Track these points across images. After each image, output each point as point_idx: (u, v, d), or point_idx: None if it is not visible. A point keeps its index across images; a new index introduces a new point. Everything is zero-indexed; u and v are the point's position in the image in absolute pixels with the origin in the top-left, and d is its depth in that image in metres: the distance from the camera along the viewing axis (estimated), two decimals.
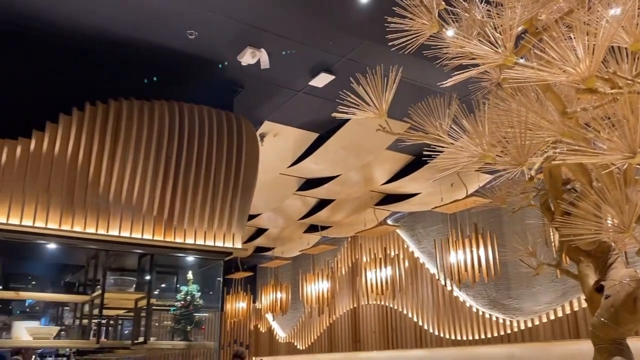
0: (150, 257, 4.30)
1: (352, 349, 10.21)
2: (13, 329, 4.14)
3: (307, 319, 11.55)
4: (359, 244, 10.30)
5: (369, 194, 8.06)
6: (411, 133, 1.49)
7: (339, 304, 10.65)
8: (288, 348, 12.03)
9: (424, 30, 1.54)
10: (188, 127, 4.52)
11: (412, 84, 4.76)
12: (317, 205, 8.52)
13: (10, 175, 3.78)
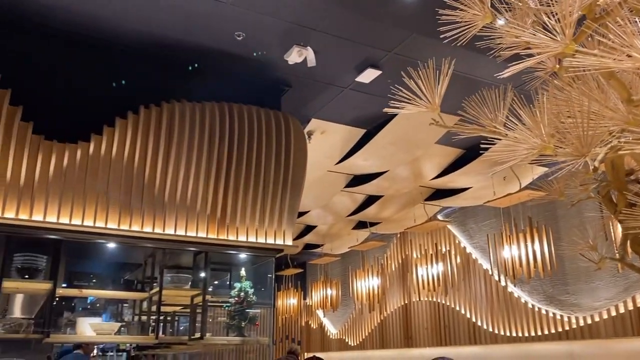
0: (205, 254, 4.41)
1: (404, 345, 10.14)
2: (77, 325, 4.33)
3: (358, 316, 11.55)
4: (409, 240, 10.20)
5: (419, 189, 7.97)
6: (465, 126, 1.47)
7: (389, 300, 10.59)
8: (339, 344, 12.07)
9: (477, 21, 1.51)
10: (238, 127, 4.60)
11: (461, 76, 4.67)
12: (366, 201, 8.49)
13: (72, 177, 3.95)
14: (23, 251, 4.08)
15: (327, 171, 7.10)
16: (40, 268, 4.14)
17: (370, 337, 11.09)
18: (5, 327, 3.96)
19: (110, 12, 4.07)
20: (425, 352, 9.50)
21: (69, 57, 4.36)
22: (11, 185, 3.74)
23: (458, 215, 9.30)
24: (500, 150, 1.41)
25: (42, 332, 4.03)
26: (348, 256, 11.75)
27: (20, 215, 3.73)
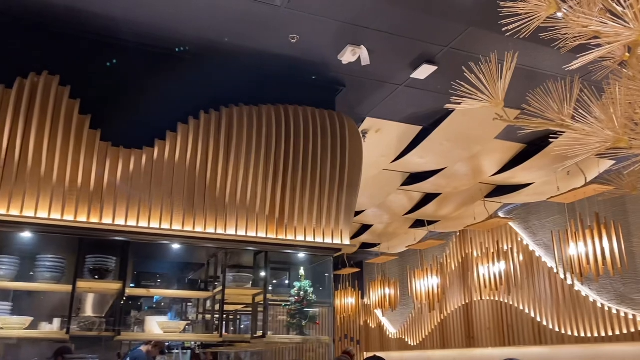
0: (265, 254, 4.48)
1: (466, 345, 9.94)
2: (146, 323, 4.51)
3: (418, 315, 11.42)
4: (469, 238, 9.99)
5: (478, 186, 7.79)
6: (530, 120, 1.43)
7: (450, 299, 10.41)
8: (399, 344, 11.97)
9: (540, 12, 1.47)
10: (294, 129, 4.66)
11: (522, 68, 4.53)
12: (423, 199, 8.38)
13: (138, 182, 4.11)
14: (94, 253, 4.28)
15: (383, 170, 7.06)
16: (110, 269, 4.34)
17: (430, 336, 10.94)
18: (80, 325, 4.17)
19: (170, 21, 4.22)
20: (488, 353, 9.27)
21: (132, 66, 4.54)
22: (82, 190, 3.94)
23: (520, 212, 9.02)
24: (568, 144, 1.36)
25: (114, 330, 4.21)
26: (406, 255, 11.63)
27: (91, 218, 3.92)
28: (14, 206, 3.74)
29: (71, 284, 3.92)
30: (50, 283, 4.12)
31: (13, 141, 3.81)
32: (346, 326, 13.32)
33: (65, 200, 3.87)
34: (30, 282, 4.15)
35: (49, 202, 3.82)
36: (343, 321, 13.01)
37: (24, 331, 3.88)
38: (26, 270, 4.21)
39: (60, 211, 3.84)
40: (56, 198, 3.85)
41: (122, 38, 4.40)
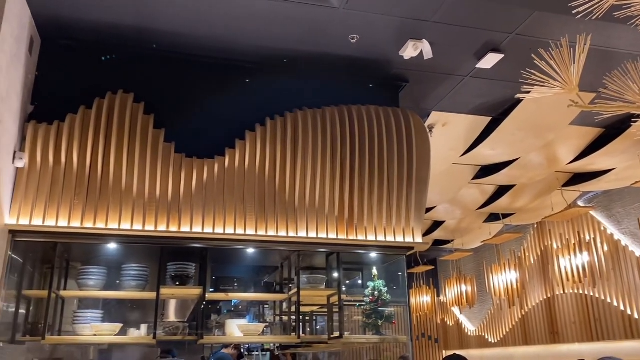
0: (337, 255, 4.50)
1: (550, 341, 9.53)
2: (226, 327, 4.64)
3: (497, 311, 11.07)
4: (548, 230, 9.57)
5: (554, 175, 7.45)
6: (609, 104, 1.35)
7: (530, 294, 10.02)
8: (479, 341, 11.66)
9: None
10: (358, 128, 4.65)
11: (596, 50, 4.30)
12: (496, 192, 8.12)
13: (212, 190, 4.26)
14: (175, 260, 4.47)
15: (452, 164, 6.91)
16: (191, 275, 4.51)
17: (511, 333, 10.58)
18: (165, 330, 4.36)
19: (231, 33, 4.33)
20: (575, 349, 8.85)
21: (200, 78, 4.70)
22: (161, 201, 4.13)
23: (601, 200, 8.55)
24: None
25: (196, 334, 4.37)
26: (481, 250, 11.32)
27: (171, 227, 4.10)
28: (100, 219, 3.97)
29: (155, 291, 4.11)
30: (136, 291, 4.34)
31: (95, 158, 4.05)
32: (423, 325, 13.13)
33: (146, 211, 4.07)
34: (118, 291, 4.38)
35: (131, 214, 4.03)
36: (419, 320, 12.83)
37: (114, 337, 4.11)
38: (113, 279, 4.46)
39: (142, 222, 4.04)
40: (137, 210, 4.05)
41: (188, 53, 4.58)
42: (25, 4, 3.86)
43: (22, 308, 4.10)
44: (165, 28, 4.27)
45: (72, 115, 4.09)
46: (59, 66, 4.36)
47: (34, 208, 3.87)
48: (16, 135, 3.86)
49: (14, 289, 3.96)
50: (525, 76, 1.45)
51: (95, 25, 4.22)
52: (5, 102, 3.54)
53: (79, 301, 4.93)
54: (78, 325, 4.14)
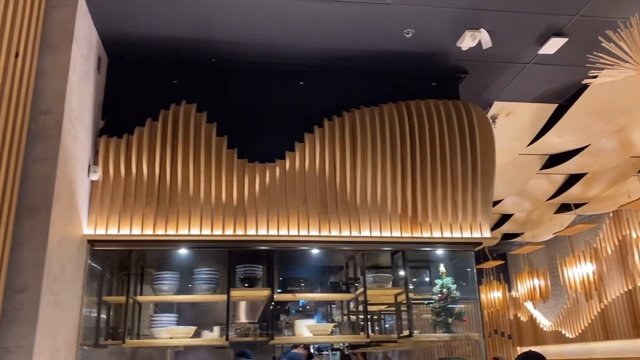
0: (402, 253, 4.46)
1: (634, 335, 9.01)
2: (295, 327, 4.70)
3: (573, 305, 10.60)
4: (625, 219, 9.06)
5: (629, 161, 7.04)
6: None
7: (609, 286, 9.52)
8: (555, 337, 11.20)
9: None
10: (418, 124, 4.59)
11: None
12: (567, 181, 7.78)
13: (274, 193, 4.33)
14: (243, 263, 4.58)
15: (519, 154, 6.68)
16: (259, 277, 4.60)
17: (590, 328, 10.09)
18: (237, 332, 4.48)
19: (287, 38, 4.39)
20: None
21: (257, 85, 4.79)
22: (227, 206, 4.24)
23: None
24: None
25: (267, 334, 4.46)
26: (553, 243, 10.88)
27: (237, 231, 4.20)
28: (170, 226, 4.13)
29: (226, 294, 4.22)
30: (207, 294, 4.47)
31: (163, 168, 4.22)
32: (495, 321, 12.76)
33: (213, 216, 4.19)
34: (191, 294, 4.53)
35: (200, 219, 4.17)
36: (491, 316, 12.48)
37: (189, 339, 4.25)
38: (185, 283, 4.63)
39: (210, 227, 4.16)
40: (205, 215, 4.18)
41: (246, 60, 4.68)
42: (92, 25, 4.07)
43: (102, 313, 4.33)
44: (223, 38, 4.39)
45: (140, 128, 4.28)
46: (125, 82, 4.57)
47: (109, 218, 4.07)
48: (89, 150, 4.08)
49: (95, 295, 4.19)
50: (592, 59, 1.39)
51: (157, 40, 4.39)
52: (79, 119, 3.75)
53: (154, 305, 5.15)
54: (155, 329, 4.32)
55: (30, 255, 3.10)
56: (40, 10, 3.44)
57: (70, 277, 3.60)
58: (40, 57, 3.44)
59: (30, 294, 3.04)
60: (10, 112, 3.00)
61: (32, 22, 3.30)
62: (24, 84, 3.20)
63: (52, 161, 3.29)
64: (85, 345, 3.90)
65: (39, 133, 3.32)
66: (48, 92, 3.42)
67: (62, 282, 3.41)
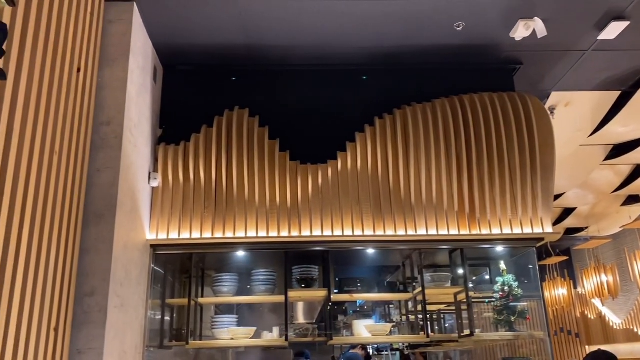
0: (460, 251, 4.37)
1: None
2: (354, 327, 4.70)
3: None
4: None
5: None
6: None
7: None
8: (627, 335, 10.67)
9: None
10: (472, 118, 4.49)
11: None
12: (634, 172, 7.40)
13: (328, 194, 4.34)
14: (299, 264, 4.61)
15: (580, 145, 6.42)
16: (315, 277, 4.62)
17: None
18: (296, 332, 4.51)
19: (335, 39, 4.40)
20: None
21: (306, 87, 4.82)
22: (281, 208, 4.29)
23: None
24: None
25: (325, 334, 4.47)
26: (621, 236, 10.38)
27: (292, 232, 4.24)
28: (228, 229, 4.22)
29: (283, 295, 4.26)
30: (265, 295, 4.54)
31: (219, 173, 4.31)
32: (560, 319, 12.29)
33: (269, 219, 4.25)
34: (249, 296, 4.61)
35: (255, 222, 4.23)
36: (556, 314, 12.03)
37: (250, 340, 4.33)
38: (244, 285, 4.71)
39: (266, 229, 4.22)
40: (260, 217, 4.24)
41: (294, 63, 4.72)
42: (147, 37, 4.21)
43: (166, 315, 4.47)
44: (272, 42, 4.44)
45: (196, 135, 4.39)
46: (180, 90, 4.70)
47: (169, 223, 4.20)
48: (149, 157, 4.23)
49: (158, 298, 4.33)
50: None
51: (208, 48, 4.50)
52: (138, 129, 3.89)
53: (215, 307, 5.27)
54: (216, 330, 4.42)
55: (97, 261, 3.24)
56: (98, 25, 3.60)
57: (135, 281, 3.74)
58: (99, 70, 3.60)
59: (99, 298, 3.18)
60: (74, 124, 3.15)
61: (91, 37, 3.45)
62: (86, 97, 3.35)
63: (115, 170, 3.43)
64: (150, 346, 4.03)
65: (101, 143, 3.47)
66: (108, 104, 3.57)
67: (127, 286, 3.54)
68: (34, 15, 2.67)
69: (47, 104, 2.81)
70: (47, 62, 2.81)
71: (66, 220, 3.01)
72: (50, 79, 2.85)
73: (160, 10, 3.96)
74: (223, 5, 3.94)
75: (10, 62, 2.45)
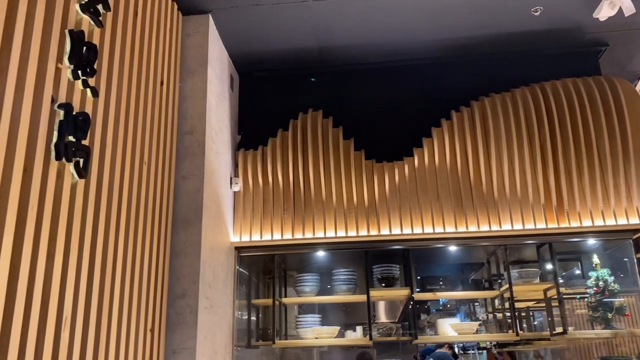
0: (549, 245, 4.18)
1: None
2: (438, 326, 4.61)
3: None
4: None
5: None
6: None
7: None
8: None
9: None
10: (555, 105, 4.28)
11: None
12: None
13: (405, 191, 4.29)
14: (379, 263, 4.59)
15: None
16: (396, 276, 4.59)
17: None
18: (380, 331, 4.50)
19: (406, 34, 4.35)
20: None
21: (378, 85, 4.80)
22: (358, 207, 4.29)
23: None
24: None
25: (410, 333, 4.42)
26: None
27: (371, 231, 4.23)
28: (307, 229, 4.28)
29: (365, 294, 4.26)
30: (347, 294, 4.56)
31: (297, 175, 4.38)
32: None
33: (347, 218, 4.26)
34: (331, 295, 4.65)
35: (334, 222, 4.26)
36: None
37: (334, 339, 4.36)
38: (325, 284, 4.76)
39: (344, 228, 4.24)
40: (339, 217, 4.27)
41: (365, 62, 4.72)
42: (222, 47, 4.36)
43: (252, 315, 4.60)
44: (342, 43, 4.46)
45: (272, 139, 4.49)
46: (255, 96, 4.83)
47: (252, 225, 4.33)
48: (230, 163, 4.37)
49: (244, 299, 4.46)
50: None
51: (281, 53, 4.59)
52: (219, 136, 4.04)
53: (298, 307, 5.35)
54: (301, 329, 4.49)
55: (187, 264, 3.39)
56: (177, 39, 3.77)
57: (222, 282, 3.87)
58: (180, 82, 3.77)
59: (189, 300, 3.33)
60: (160, 135, 3.32)
61: (172, 51, 3.62)
62: (170, 108, 3.52)
63: (199, 176, 3.58)
64: (238, 346, 4.16)
65: (185, 152, 3.63)
66: (190, 113, 3.72)
67: (215, 287, 3.68)
68: (120, 34, 2.84)
69: (135, 117, 2.98)
70: (133, 77, 2.98)
71: (157, 226, 3.18)
72: (137, 93, 3.02)
73: (233, 20, 4.08)
74: (294, 9, 4.00)
75: (101, 80, 2.62)
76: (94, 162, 2.49)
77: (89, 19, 2.51)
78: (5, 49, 1.95)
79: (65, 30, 2.32)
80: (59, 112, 2.23)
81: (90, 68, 2.46)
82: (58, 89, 2.25)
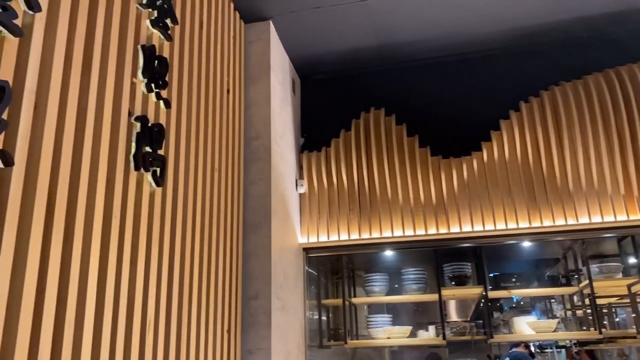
0: (632, 238, 3.95)
1: None
2: (514, 324, 4.47)
3: None
4: None
5: None
6: None
7: None
8: None
9: None
10: (633, 90, 4.05)
11: None
12: None
13: (474, 187, 4.19)
14: (450, 261, 4.51)
15: None
16: (468, 275, 4.49)
17: None
18: (453, 331, 4.42)
19: (465, 27, 4.25)
20: None
21: (441, 79, 4.71)
22: (426, 205, 4.23)
23: None
24: None
25: (484, 332, 4.31)
26: None
27: (440, 229, 4.16)
28: (374, 229, 4.26)
29: (436, 293, 4.20)
30: (417, 293, 4.50)
31: (361, 174, 4.37)
32: None
33: (414, 217, 4.21)
34: (401, 295, 4.61)
35: (401, 221, 4.22)
36: None
37: (406, 339, 4.32)
38: (394, 284, 4.72)
39: (412, 227, 4.19)
40: (406, 216, 4.22)
41: (426, 57, 4.65)
42: (284, 52, 4.42)
43: (323, 316, 4.63)
44: (402, 39, 4.42)
45: (335, 140, 4.51)
46: (317, 99, 4.87)
47: (318, 226, 4.36)
48: (294, 165, 4.42)
49: (314, 299, 4.50)
50: None
51: (341, 55, 4.60)
52: (283, 139, 4.10)
53: (367, 306, 5.34)
54: (372, 329, 4.48)
55: (258, 266, 3.47)
56: (241, 47, 3.86)
57: (292, 283, 3.93)
58: (245, 89, 3.85)
59: (262, 301, 3.39)
60: (229, 141, 3.41)
61: (236, 59, 3.71)
62: (236, 115, 3.61)
63: (266, 180, 3.65)
64: (311, 346, 4.21)
65: (252, 157, 3.71)
66: (255, 119, 3.80)
67: (286, 288, 3.73)
68: (187, 46, 2.94)
69: (205, 125, 3.07)
70: (202, 87, 3.08)
71: (229, 230, 3.26)
72: (205, 102, 3.12)
73: (293, 24, 4.13)
74: (353, 9, 4.00)
75: (172, 91, 2.72)
76: (169, 170, 2.59)
77: (159, 33, 2.61)
78: (86, 70, 2.06)
79: (137, 46, 2.42)
80: (136, 124, 2.34)
81: (162, 80, 2.56)
82: (134, 102, 2.35)
